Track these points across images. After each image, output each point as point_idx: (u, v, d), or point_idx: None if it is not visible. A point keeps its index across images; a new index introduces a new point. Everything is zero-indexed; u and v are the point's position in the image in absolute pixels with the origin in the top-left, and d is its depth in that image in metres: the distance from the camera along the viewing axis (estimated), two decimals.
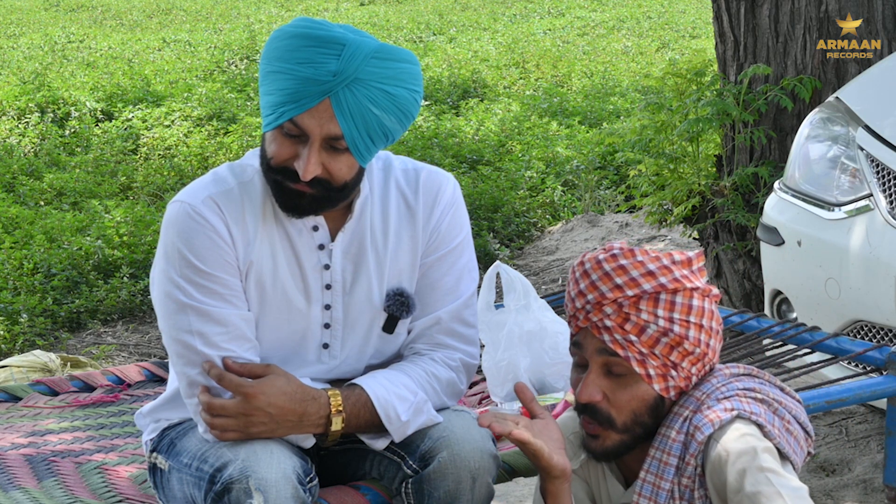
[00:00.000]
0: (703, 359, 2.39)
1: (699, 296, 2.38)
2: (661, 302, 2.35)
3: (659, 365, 2.36)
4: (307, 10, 20.07)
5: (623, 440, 2.39)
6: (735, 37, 5.70)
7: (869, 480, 4.19)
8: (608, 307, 2.36)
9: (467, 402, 3.36)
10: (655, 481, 2.37)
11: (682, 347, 2.36)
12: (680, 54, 13.61)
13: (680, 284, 2.36)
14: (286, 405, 2.51)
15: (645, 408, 2.38)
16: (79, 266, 6.55)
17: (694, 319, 2.36)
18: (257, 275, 2.58)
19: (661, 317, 2.35)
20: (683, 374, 2.38)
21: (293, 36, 2.49)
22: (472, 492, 2.54)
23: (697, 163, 5.88)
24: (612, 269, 2.37)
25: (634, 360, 2.35)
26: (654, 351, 2.36)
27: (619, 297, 2.35)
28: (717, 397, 2.37)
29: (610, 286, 2.36)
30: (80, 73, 12.66)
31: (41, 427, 3.25)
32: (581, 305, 2.39)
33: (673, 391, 2.39)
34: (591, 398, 2.37)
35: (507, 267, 3.39)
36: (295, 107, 2.48)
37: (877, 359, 3.34)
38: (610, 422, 2.38)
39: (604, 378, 2.38)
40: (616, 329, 2.36)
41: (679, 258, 2.40)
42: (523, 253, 7.40)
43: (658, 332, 2.35)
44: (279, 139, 2.52)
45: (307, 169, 2.49)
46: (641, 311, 2.35)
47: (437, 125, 9.93)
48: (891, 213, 4.00)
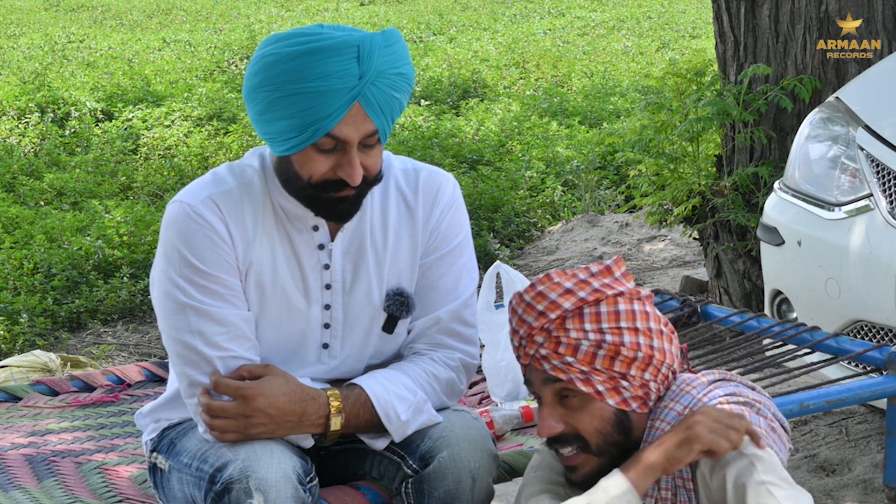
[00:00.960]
0: (650, 362, 2.35)
1: (625, 300, 2.35)
2: (585, 316, 2.34)
3: (605, 379, 2.33)
4: (307, 10, 20.08)
5: (601, 463, 2.36)
6: (735, 37, 5.70)
7: (869, 480, 4.19)
8: (538, 336, 2.35)
9: (467, 402, 3.36)
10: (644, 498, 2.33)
11: (622, 355, 2.33)
12: (680, 54, 13.61)
13: (601, 294, 2.34)
14: (286, 406, 2.50)
15: (609, 425, 2.35)
16: (79, 266, 6.55)
17: (625, 325, 2.34)
18: (257, 275, 2.58)
19: (589, 330, 2.33)
20: (637, 383, 2.34)
21: (301, 55, 2.44)
22: (472, 492, 2.54)
23: (697, 163, 5.88)
24: (531, 299, 2.36)
25: (578, 380, 2.33)
26: (594, 366, 2.33)
27: (545, 323, 2.34)
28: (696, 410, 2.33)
29: (534, 315, 2.35)
30: (80, 73, 12.67)
31: (41, 427, 3.25)
32: (517, 343, 2.39)
33: (634, 402, 2.35)
34: (552, 431, 2.36)
35: (508, 267, 3.39)
36: (327, 122, 2.45)
37: (877, 359, 3.34)
38: (583, 443, 2.35)
39: (559, 408, 2.36)
40: (552, 355, 2.34)
41: (596, 269, 2.38)
42: (523, 253, 7.40)
43: (592, 347, 2.33)
44: (313, 156, 2.49)
45: (355, 175, 2.49)
46: (569, 330, 2.33)
47: (437, 125, 9.93)
48: (891, 213, 4.00)
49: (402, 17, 18.53)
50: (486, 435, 2.61)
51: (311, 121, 2.45)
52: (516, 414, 3.12)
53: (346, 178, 2.50)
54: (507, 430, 3.10)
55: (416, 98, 11.25)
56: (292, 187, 2.54)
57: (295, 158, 2.51)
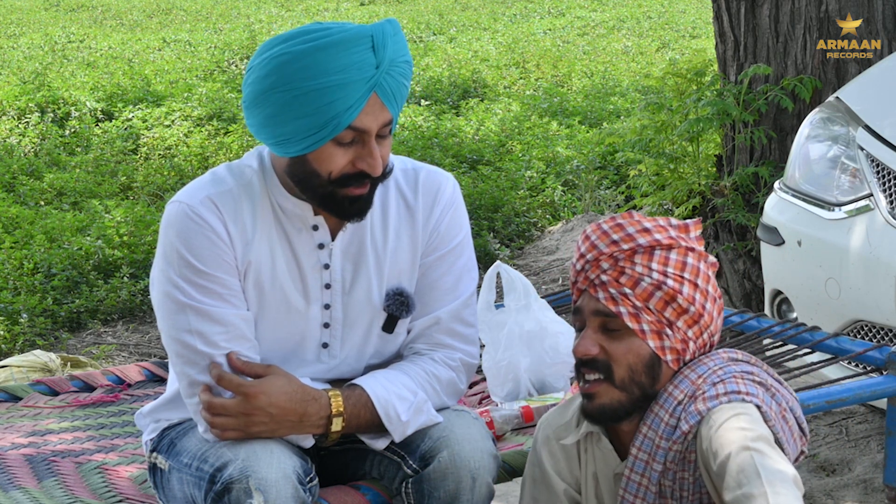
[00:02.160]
0: (699, 321, 2.40)
1: (695, 256, 2.42)
2: (655, 256, 2.40)
3: (653, 321, 2.38)
4: (307, 10, 20.08)
5: (620, 400, 2.40)
6: (735, 37, 5.70)
7: (869, 480, 4.19)
8: (605, 262, 2.41)
9: (467, 402, 3.36)
10: (648, 460, 2.39)
11: (676, 303, 2.39)
12: (680, 54, 13.60)
13: (675, 242, 2.41)
14: (287, 405, 2.51)
15: (641, 364, 2.39)
16: (79, 266, 6.55)
17: (689, 276, 2.40)
18: (256, 275, 2.58)
19: (654, 270, 2.39)
20: (679, 336, 2.39)
21: (317, 50, 2.44)
22: (472, 492, 2.54)
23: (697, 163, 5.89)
24: (609, 228, 2.43)
25: (628, 314, 2.38)
26: (648, 305, 2.38)
27: (615, 251, 2.40)
28: (712, 381, 2.37)
29: (607, 242, 2.42)
30: (80, 73, 12.66)
31: (41, 427, 3.25)
32: (581, 267, 2.44)
33: (669, 353, 2.39)
34: (587, 351, 2.40)
35: (508, 267, 3.39)
36: (348, 114, 2.46)
37: (877, 359, 3.34)
38: (609, 373, 2.40)
39: (600, 334, 2.41)
40: (611, 283, 2.39)
41: (676, 223, 2.45)
42: (523, 253, 7.40)
43: (652, 286, 2.38)
44: (332, 151, 2.49)
45: (377, 164, 2.50)
46: (636, 264, 2.39)
47: (437, 125, 9.93)
48: (891, 212, 4.00)
49: (402, 17, 18.53)
50: (486, 435, 2.61)
51: (333, 115, 2.45)
52: (516, 414, 3.12)
53: (367, 170, 2.51)
54: (507, 430, 3.10)
55: (416, 98, 11.25)
56: (308, 186, 2.53)
57: (312, 156, 2.50)
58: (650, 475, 2.39)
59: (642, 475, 2.40)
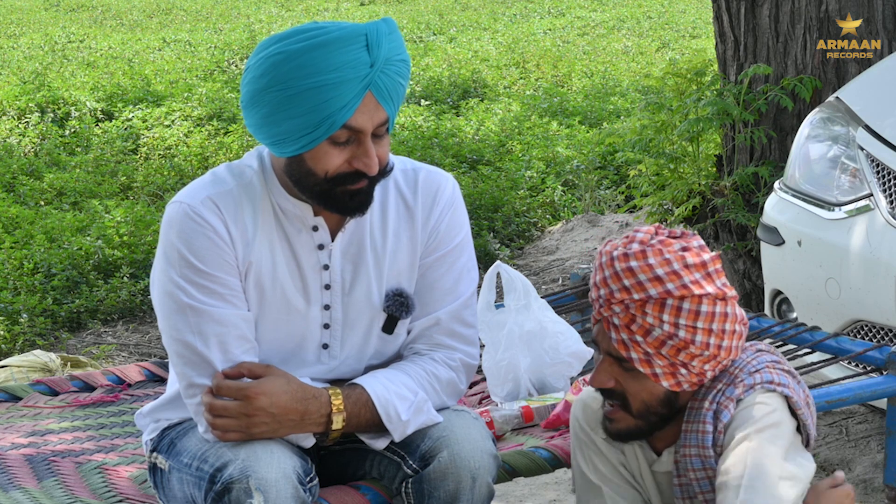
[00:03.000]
0: (714, 358, 2.41)
1: (709, 301, 2.38)
2: (667, 307, 2.37)
3: (666, 364, 2.39)
4: (307, 10, 20.07)
5: (638, 425, 2.44)
6: (735, 37, 5.69)
7: (869, 480, 4.19)
8: (616, 306, 2.41)
9: (467, 402, 3.36)
10: (699, 452, 2.41)
11: (689, 351, 2.39)
12: (680, 54, 13.60)
13: (688, 291, 2.37)
14: (288, 404, 2.50)
15: (656, 401, 2.43)
16: (79, 266, 6.54)
17: (701, 325, 2.38)
18: (256, 275, 2.58)
19: (665, 321, 2.37)
20: (695, 371, 2.41)
21: (312, 49, 2.44)
22: (472, 491, 2.54)
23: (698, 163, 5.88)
24: (621, 270, 2.39)
25: (639, 360, 2.39)
26: (660, 352, 2.39)
27: (626, 298, 2.39)
28: (748, 371, 2.42)
29: (618, 287, 2.40)
30: (80, 73, 12.66)
31: (41, 427, 3.25)
32: (595, 297, 2.46)
33: (686, 385, 2.42)
34: (602, 384, 2.44)
35: (508, 267, 3.39)
36: (342, 113, 2.46)
37: (877, 359, 3.34)
38: (625, 403, 2.43)
39: (616, 367, 2.43)
40: (622, 328, 2.40)
41: (692, 261, 2.39)
42: (523, 253, 7.40)
43: (664, 336, 2.38)
44: (328, 150, 2.49)
45: (373, 163, 2.50)
46: (647, 314, 2.38)
47: (437, 125, 9.93)
48: (891, 213, 4.00)
49: (402, 17, 18.53)
50: (486, 435, 2.61)
51: (327, 114, 2.45)
52: (516, 414, 3.12)
53: (363, 169, 2.51)
54: (507, 430, 3.10)
55: (416, 98, 11.25)
56: (305, 185, 2.54)
57: (308, 156, 2.51)
58: (710, 464, 2.40)
59: (704, 469, 2.41)
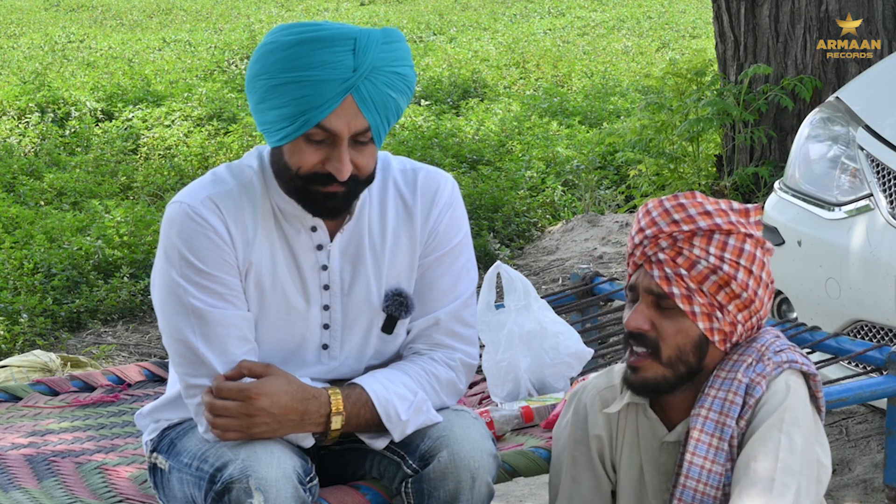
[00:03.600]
0: (749, 306, 2.46)
1: (752, 243, 2.46)
2: (714, 241, 2.44)
3: (705, 303, 2.44)
4: (307, 10, 20.08)
5: (665, 375, 2.46)
6: (735, 37, 5.70)
7: (869, 480, 4.19)
8: (663, 241, 2.45)
9: (467, 402, 3.36)
10: (719, 419, 2.44)
11: (730, 288, 2.44)
12: (680, 54, 13.60)
13: (734, 227, 2.45)
14: (288, 404, 2.51)
15: (689, 344, 2.45)
16: (79, 266, 6.54)
17: (744, 263, 2.44)
18: (256, 275, 2.58)
19: (712, 254, 2.44)
20: (729, 319, 2.45)
21: (298, 43, 2.46)
22: (472, 491, 2.54)
23: (697, 162, 5.89)
24: (671, 207, 2.47)
25: (681, 295, 2.43)
26: (701, 288, 2.44)
27: (675, 230, 2.45)
28: (774, 349, 2.47)
29: (668, 221, 2.46)
30: (80, 73, 12.66)
31: (41, 427, 3.25)
32: (639, 241, 2.49)
33: (717, 335, 2.45)
34: (638, 326, 2.46)
35: (508, 267, 3.39)
36: (318, 112, 2.46)
37: (877, 359, 3.34)
38: (656, 351, 2.45)
39: (653, 309, 2.46)
40: (668, 262, 2.44)
41: (738, 207, 2.50)
42: (523, 253, 7.40)
43: (707, 269, 2.43)
44: (303, 147, 2.50)
45: (344, 169, 2.50)
46: (694, 246, 2.44)
47: (437, 125, 9.93)
48: (891, 213, 4.00)
49: (402, 17, 18.53)
50: (486, 435, 2.61)
51: (304, 110, 2.46)
52: (516, 414, 3.12)
53: (333, 172, 2.50)
54: (507, 430, 3.10)
55: (416, 98, 11.25)
56: (283, 179, 2.56)
57: (286, 149, 2.52)
58: (722, 433, 2.43)
59: (712, 435, 2.44)
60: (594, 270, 4.10)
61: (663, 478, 2.54)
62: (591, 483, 2.59)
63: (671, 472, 2.52)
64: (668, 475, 2.54)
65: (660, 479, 2.55)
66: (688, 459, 2.46)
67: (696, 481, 2.45)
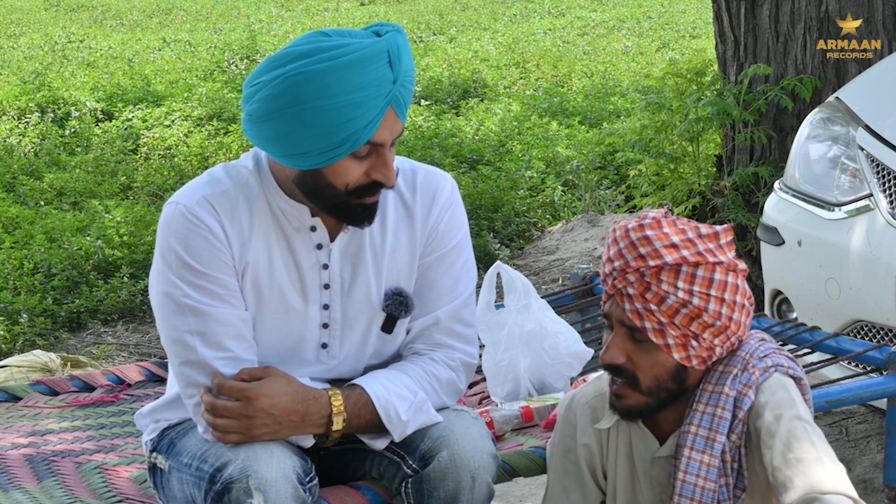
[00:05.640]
0: (724, 331, 2.44)
1: (722, 270, 2.43)
2: (681, 274, 2.41)
3: (678, 335, 2.42)
4: (307, 10, 20.07)
5: (647, 402, 2.46)
6: (735, 37, 5.70)
7: (869, 480, 4.20)
8: (631, 275, 2.42)
9: (467, 402, 3.36)
10: (709, 435, 2.43)
11: (702, 319, 2.41)
12: (680, 54, 13.60)
13: (702, 258, 2.41)
14: (289, 405, 2.50)
15: (666, 374, 2.44)
16: (79, 266, 6.55)
17: (715, 293, 2.41)
18: (254, 275, 2.58)
19: (680, 288, 2.40)
20: (705, 345, 2.43)
21: (335, 70, 2.41)
22: (472, 491, 2.54)
23: (697, 163, 5.89)
24: (637, 239, 2.42)
25: (653, 330, 2.41)
26: (673, 321, 2.41)
27: (642, 266, 2.41)
28: (758, 356, 2.46)
29: (634, 255, 2.42)
30: (80, 73, 12.66)
31: (41, 427, 3.25)
32: (609, 271, 2.47)
33: (696, 360, 2.44)
34: (613, 360, 2.45)
35: (508, 267, 3.39)
36: (366, 130, 2.45)
37: (877, 359, 3.34)
38: (634, 382, 2.45)
39: (628, 342, 2.45)
40: (637, 297, 2.42)
41: (706, 232, 2.45)
42: (523, 253, 7.40)
43: (677, 303, 2.40)
44: (349, 165, 2.49)
45: (392, 174, 2.52)
46: (662, 281, 2.41)
47: (437, 125, 9.93)
48: (891, 213, 4.00)
49: (402, 17, 18.53)
50: (486, 435, 2.61)
51: (351, 132, 2.45)
52: (516, 414, 3.12)
53: (382, 180, 2.51)
54: (507, 430, 3.10)
55: (416, 98, 11.25)
56: (322, 197, 2.53)
57: (328, 170, 2.50)
58: (713, 449, 2.42)
59: (703, 452, 2.43)
60: (594, 270, 4.11)
61: (657, 490, 2.54)
62: (580, 494, 2.58)
63: (665, 485, 2.52)
64: (661, 487, 2.53)
65: (653, 491, 2.54)
66: (680, 478, 2.45)
67: (689, 500, 2.44)
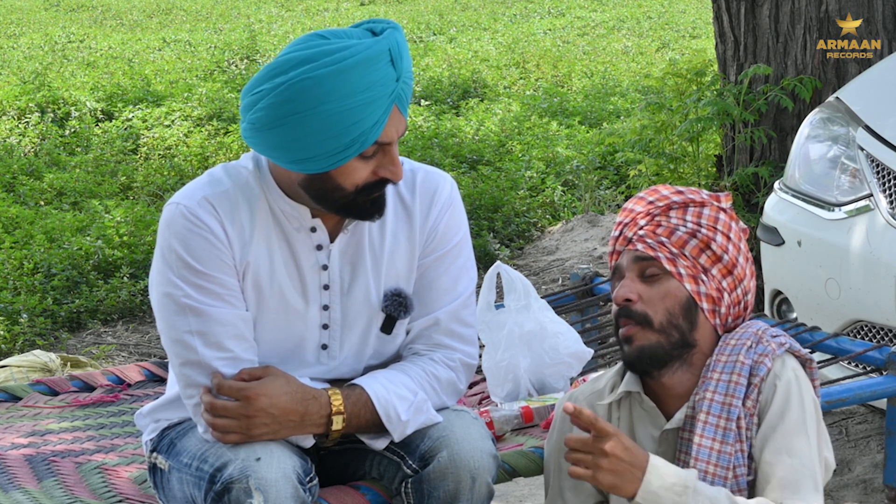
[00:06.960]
0: (732, 271, 2.50)
1: (727, 215, 2.54)
2: (689, 211, 2.53)
3: (689, 265, 2.49)
4: (307, 10, 20.07)
5: (659, 342, 2.47)
6: (735, 37, 5.70)
7: (869, 480, 4.20)
8: (641, 219, 2.53)
9: (467, 402, 3.36)
10: (725, 400, 2.45)
11: (711, 251, 2.50)
12: (680, 54, 13.60)
13: (707, 201, 2.55)
14: (288, 405, 2.50)
15: (678, 307, 2.48)
16: (79, 266, 6.55)
17: (721, 228, 2.52)
18: (254, 275, 2.58)
19: (688, 221, 2.52)
20: (714, 284, 2.49)
21: (340, 73, 2.42)
22: (472, 491, 2.54)
23: (697, 163, 5.89)
24: (645, 193, 2.58)
25: (665, 258, 2.49)
26: (683, 251, 2.50)
27: (651, 208, 2.53)
28: (771, 334, 2.50)
29: (643, 203, 2.55)
30: (80, 73, 12.67)
31: (41, 427, 3.25)
32: (618, 232, 2.56)
33: (706, 301, 2.48)
34: (626, 295, 2.49)
35: (508, 267, 3.39)
36: (373, 131, 2.46)
37: (877, 359, 3.34)
38: (646, 320, 2.48)
39: (638, 282, 2.50)
40: (649, 234, 2.51)
41: (707, 193, 2.59)
42: (523, 253, 7.40)
43: (687, 234, 2.50)
44: (357, 165, 2.49)
45: (399, 171, 2.53)
46: (671, 217, 2.52)
47: (437, 125, 9.93)
48: (891, 213, 4.00)
49: (402, 17, 18.53)
50: (486, 435, 2.61)
51: (359, 133, 2.45)
52: (516, 414, 3.12)
53: (390, 177, 2.53)
54: (507, 430, 3.10)
55: (416, 98, 11.25)
56: (330, 199, 2.53)
57: (336, 173, 2.50)
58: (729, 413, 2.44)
59: (719, 416, 2.45)
60: (594, 270, 4.11)
61: None
62: (573, 493, 2.58)
63: (671, 461, 2.52)
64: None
65: None
66: (696, 442, 2.46)
67: (706, 463, 2.45)
